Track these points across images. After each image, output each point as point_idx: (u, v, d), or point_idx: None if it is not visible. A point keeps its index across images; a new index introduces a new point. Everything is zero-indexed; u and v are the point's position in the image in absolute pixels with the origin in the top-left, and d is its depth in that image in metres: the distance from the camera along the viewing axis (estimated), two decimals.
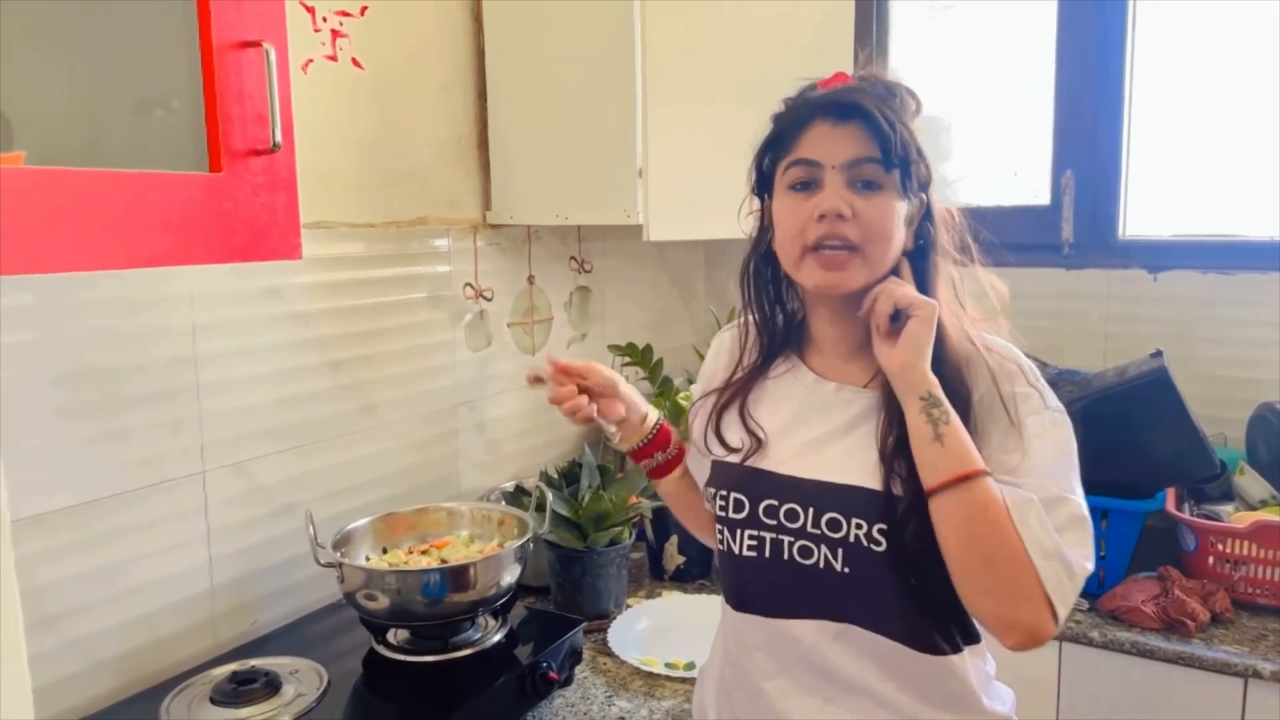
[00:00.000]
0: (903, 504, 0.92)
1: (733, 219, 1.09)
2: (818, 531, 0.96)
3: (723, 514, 1.03)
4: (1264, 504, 1.71)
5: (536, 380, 1.13)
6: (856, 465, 0.96)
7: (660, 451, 1.16)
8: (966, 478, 0.88)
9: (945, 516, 0.89)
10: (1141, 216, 2.03)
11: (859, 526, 0.94)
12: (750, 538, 1.00)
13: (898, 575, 0.93)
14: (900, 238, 0.97)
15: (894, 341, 0.94)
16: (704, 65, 1.71)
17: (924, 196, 0.99)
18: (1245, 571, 1.60)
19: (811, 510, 0.97)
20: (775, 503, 0.99)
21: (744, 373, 1.08)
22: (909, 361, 0.92)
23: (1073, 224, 2.03)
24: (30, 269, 0.81)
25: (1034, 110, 2.08)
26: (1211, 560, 1.62)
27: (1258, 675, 1.42)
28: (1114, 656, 1.53)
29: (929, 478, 0.90)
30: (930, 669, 0.96)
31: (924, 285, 0.98)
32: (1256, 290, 1.88)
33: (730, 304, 2.00)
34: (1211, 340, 1.91)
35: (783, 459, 1.01)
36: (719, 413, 1.08)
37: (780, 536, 0.99)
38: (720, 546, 1.04)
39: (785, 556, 0.98)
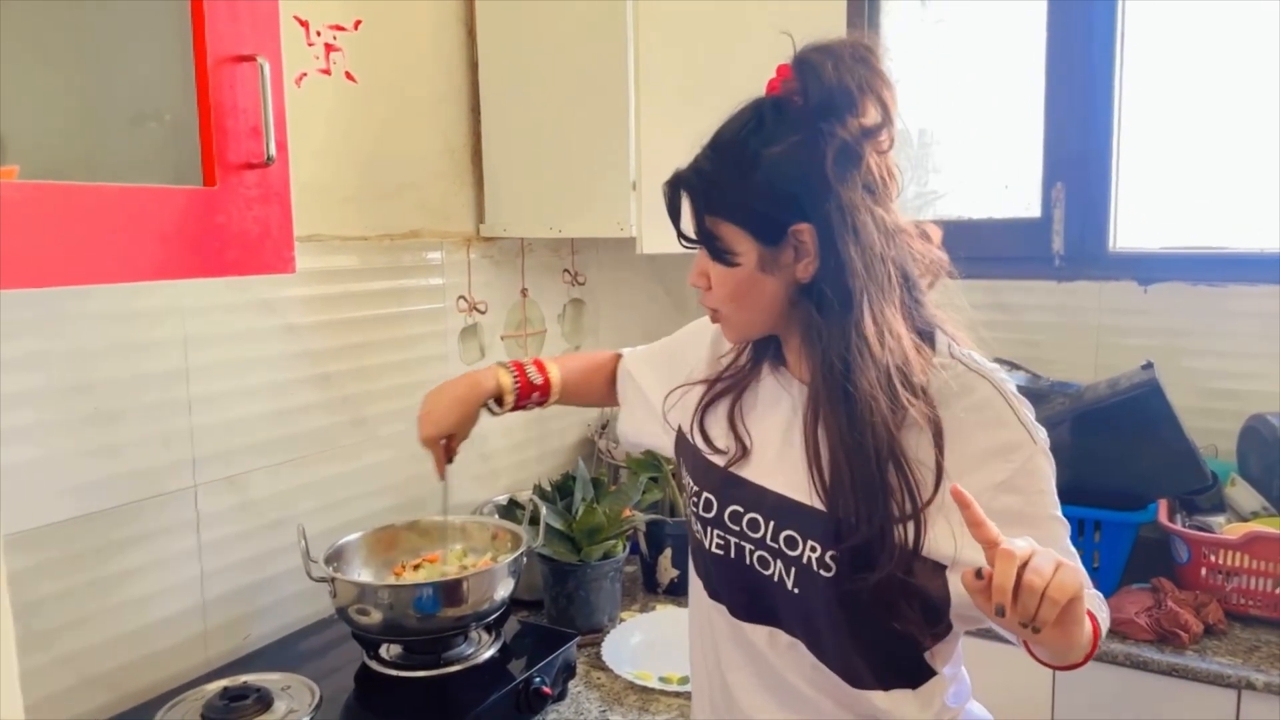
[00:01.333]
0: (857, 548, 0.89)
1: None
2: (776, 545, 0.97)
3: (694, 509, 1.06)
4: (1256, 515, 1.71)
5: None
6: (796, 474, 0.95)
7: (536, 392, 1.30)
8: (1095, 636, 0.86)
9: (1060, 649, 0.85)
10: (1132, 229, 2.04)
11: (813, 549, 0.94)
12: (718, 537, 1.02)
13: (839, 607, 0.92)
14: (769, 286, 0.93)
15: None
16: (697, 78, 1.72)
17: (806, 224, 0.89)
18: (1238, 583, 1.60)
19: (772, 524, 0.97)
20: (740, 509, 1.00)
21: (734, 372, 1.07)
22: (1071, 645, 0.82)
23: (1063, 236, 2.04)
24: (23, 283, 0.81)
25: (1024, 123, 2.10)
26: (1204, 572, 1.62)
27: (1251, 686, 1.42)
28: (1108, 668, 1.53)
29: (1067, 657, 0.86)
30: (864, 701, 0.97)
31: (834, 314, 0.89)
32: (1247, 302, 1.89)
33: None
34: (1202, 352, 1.92)
35: (758, 468, 1.01)
36: (704, 408, 1.08)
37: (742, 543, 1.00)
38: (696, 536, 1.07)
39: (747, 562, 1.00)
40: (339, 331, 1.58)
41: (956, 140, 2.22)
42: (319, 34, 1.51)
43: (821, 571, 0.93)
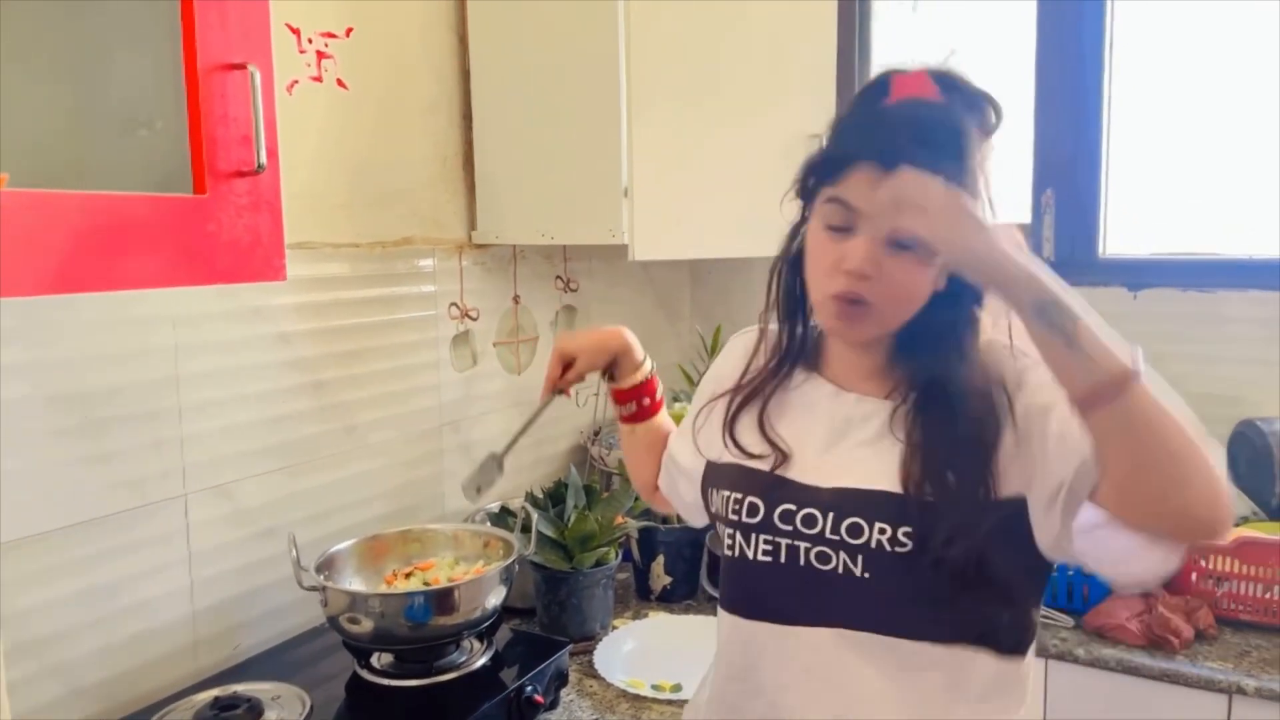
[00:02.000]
0: (935, 511, 0.90)
1: (718, 238, 1.09)
2: (836, 537, 0.95)
3: (735, 518, 1.01)
4: (1246, 521, 1.72)
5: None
6: (879, 471, 0.95)
7: (648, 397, 1.24)
8: (1116, 382, 0.78)
9: (1117, 424, 0.79)
10: (1121, 235, 2.05)
11: (882, 531, 0.92)
12: (765, 543, 0.98)
13: (923, 576, 0.91)
14: (927, 292, 0.93)
15: (936, 261, 0.89)
16: (689, 85, 1.72)
17: None
18: (1228, 588, 1.60)
19: (831, 515, 0.95)
20: (793, 508, 0.97)
21: (759, 377, 1.06)
22: (986, 264, 0.80)
23: (1053, 243, 2.05)
24: (13, 291, 0.81)
25: (1014, 129, 2.10)
26: (1195, 577, 1.62)
27: (1242, 691, 1.43)
28: (1099, 674, 1.53)
29: (1077, 387, 0.80)
30: (954, 667, 0.94)
31: (955, 328, 0.94)
32: (1236, 308, 1.90)
33: (716, 323, 2.01)
34: (1192, 358, 1.93)
35: (804, 469, 0.99)
36: (733, 416, 1.06)
37: (796, 542, 0.97)
38: (729, 553, 1.02)
39: (802, 562, 0.96)
40: (330, 339, 1.57)
41: None
42: (310, 41, 1.51)
43: (896, 549, 0.92)
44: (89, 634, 1.26)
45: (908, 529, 0.91)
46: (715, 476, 1.08)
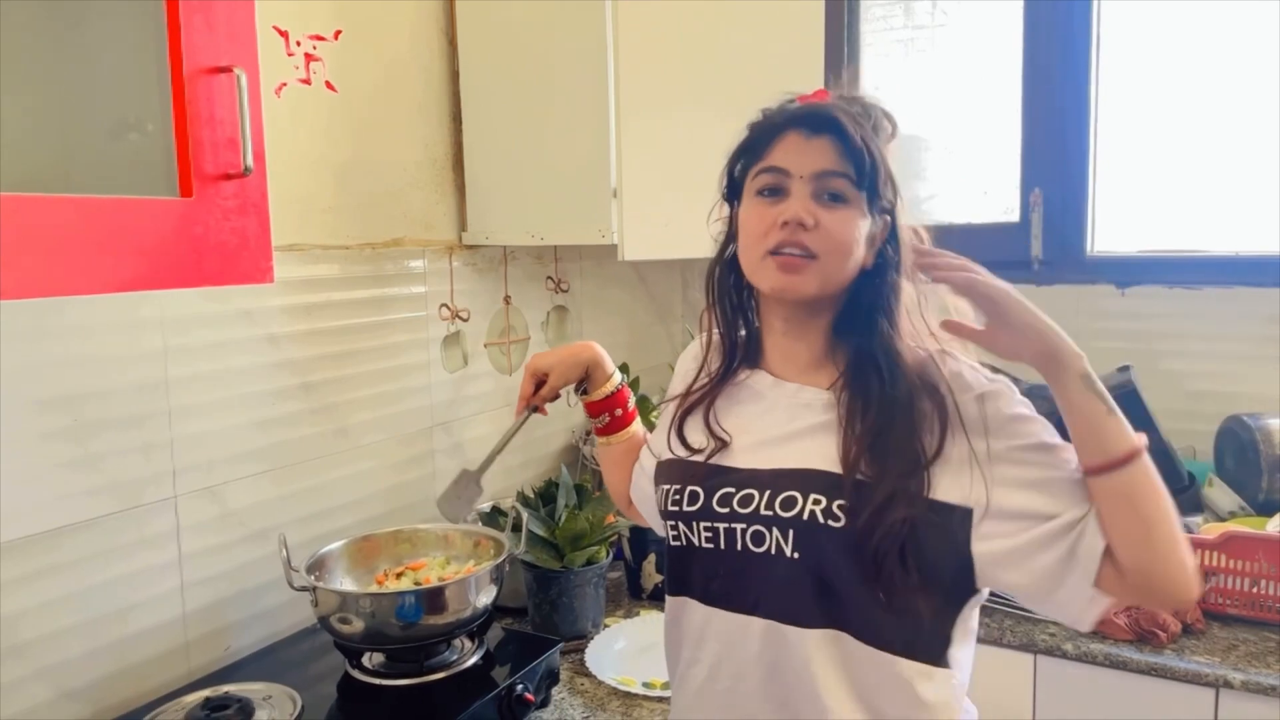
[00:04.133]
0: (876, 495, 0.92)
1: (709, 238, 1.11)
2: (770, 513, 0.97)
3: (675, 509, 1.04)
4: (1233, 515, 1.73)
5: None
6: (818, 454, 0.98)
7: (620, 408, 1.27)
8: (1139, 450, 0.89)
9: (1131, 488, 0.89)
10: (1109, 233, 2.07)
11: (816, 502, 0.94)
12: (706, 529, 1.01)
13: (854, 556, 0.92)
14: (859, 254, 0.98)
15: (1001, 332, 0.93)
16: (678, 85, 1.73)
17: (889, 219, 1.00)
18: (1215, 582, 1.61)
19: (768, 493, 0.98)
20: (732, 490, 1.00)
21: (707, 380, 1.10)
22: (1046, 345, 0.92)
23: (1042, 241, 2.06)
24: (2, 295, 0.81)
25: (1003, 129, 2.12)
26: None
27: (1228, 685, 1.44)
28: (1087, 668, 1.54)
29: (1111, 451, 0.89)
30: (877, 667, 0.95)
31: (882, 304, 0.99)
32: (1222, 305, 1.91)
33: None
34: (1179, 354, 1.94)
35: (744, 455, 1.03)
36: (682, 417, 1.10)
37: (733, 525, 0.99)
38: (676, 543, 1.05)
39: (739, 546, 0.99)
40: (320, 341, 1.58)
41: (937, 146, 2.23)
42: (299, 44, 1.51)
43: (829, 522, 0.93)
44: (79, 636, 1.26)
45: (842, 502, 0.94)
46: (661, 474, 1.12)
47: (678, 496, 1.05)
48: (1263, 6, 1.87)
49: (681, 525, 1.04)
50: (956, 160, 2.23)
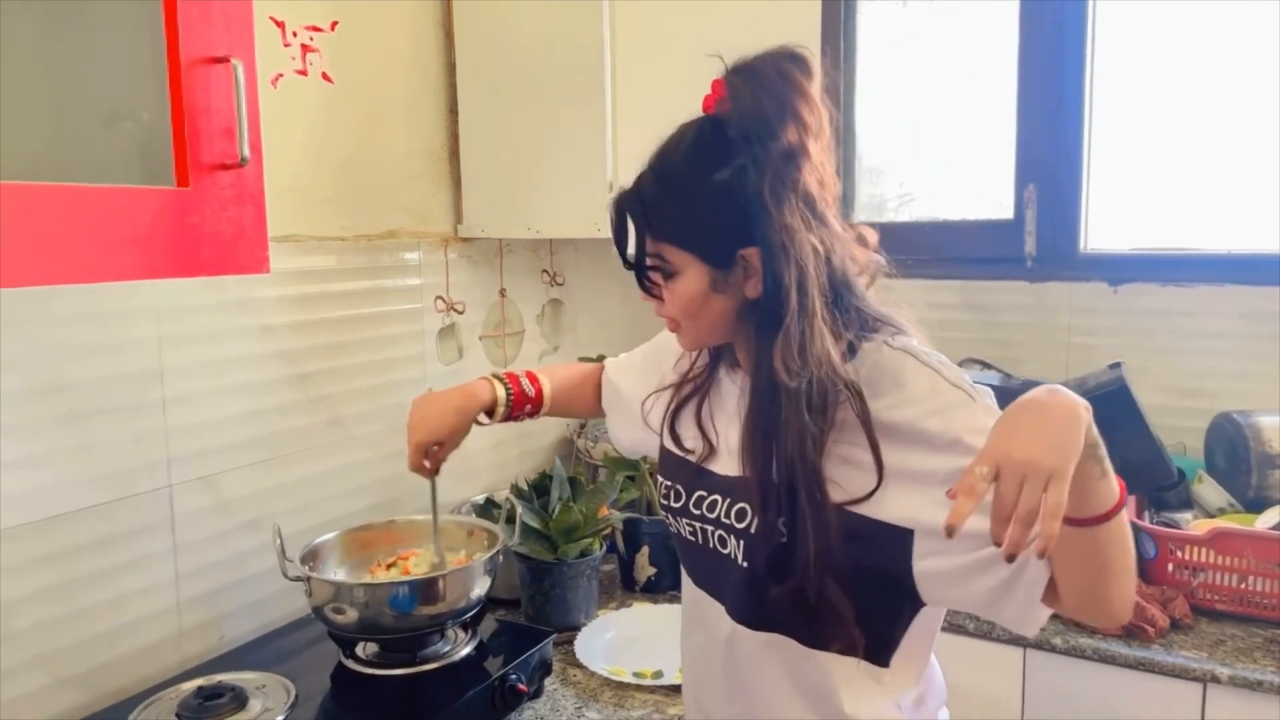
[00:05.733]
0: (761, 496, 0.93)
1: None
2: (728, 522, 1.01)
3: (665, 503, 1.11)
4: (1222, 511, 1.74)
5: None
6: None
7: (529, 404, 1.30)
8: (1120, 507, 0.83)
9: (1097, 542, 0.83)
10: (1102, 230, 2.07)
11: (762, 520, 0.96)
12: (687, 525, 1.08)
13: (784, 567, 0.93)
14: (715, 304, 0.95)
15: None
16: (674, 78, 1.72)
17: (753, 248, 0.91)
18: (1204, 578, 1.62)
19: (727, 501, 1.02)
20: (704, 494, 1.05)
21: (696, 376, 1.12)
22: (1052, 461, 0.75)
23: (1035, 238, 2.06)
24: None
25: (997, 126, 2.12)
26: (1171, 567, 1.65)
27: (1216, 680, 1.45)
28: (1076, 663, 1.55)
29: (1091, 509, 0.81)
30: (821, 670, 0.97)
31: (771, 330, 0.91)
32: (1214, 302, 1.92)
33: None
34: (1170, 351, 1.95)
35: (722, 458, 1.05)
36: (674, 412, 1.12)
37: (705, 526, 1.05)
38: (672, 528, 1.13)
39: (710, 545, 1.04)
40: (316, 331, 1.58)
41: (931, 141, 2.24)
42: (295, 35, 1.51)
43: (772, 535, 0.95)
44: (74, 624, 1.27)
45: (785, 518, 0.92)
46: (660, 462, 1.17)
47: (667, 492, 1.11)
48: (1258, 5, 1.88)
49: (670, 518, 1.11)
50: (951, 156, 2.23)
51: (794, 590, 0.92)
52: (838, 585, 0.91)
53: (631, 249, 0.98)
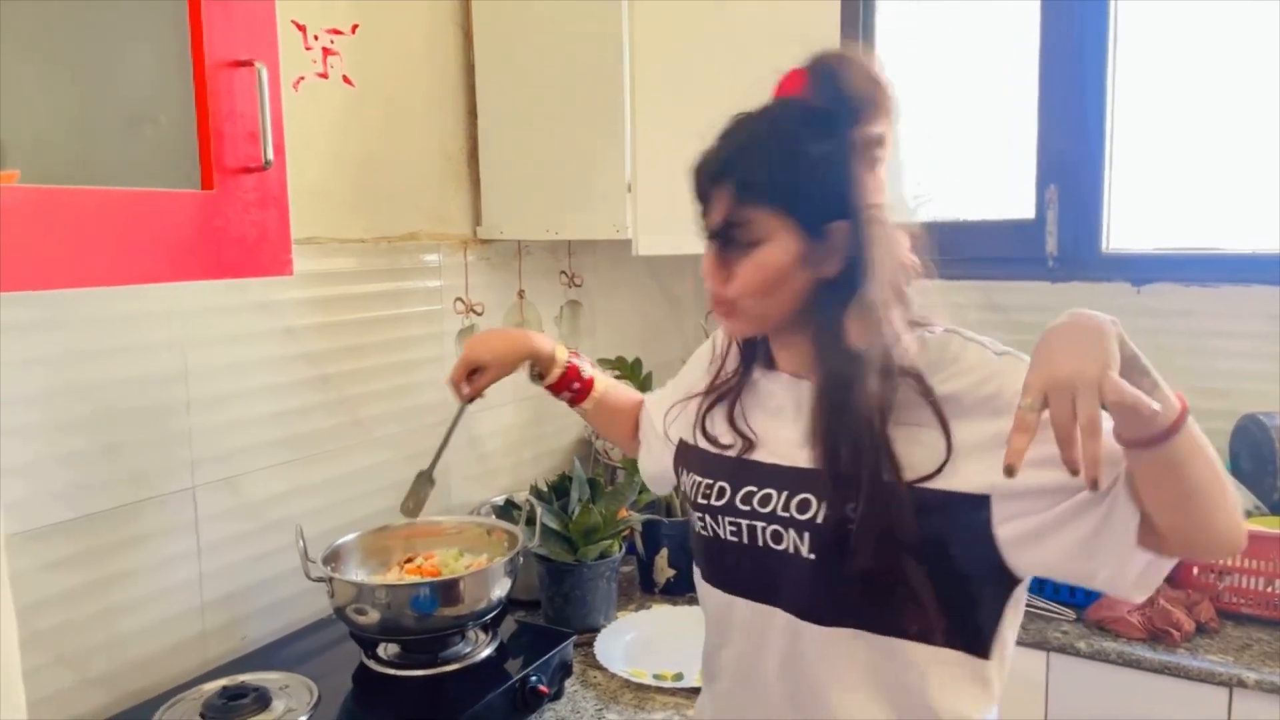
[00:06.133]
0: (845, 486, 0.93)
1: None
2: (787, 514, 0.98)
3: (704, 501, 1.06)
4: (1248, 514, 1.72)
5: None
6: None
7: (576, 382, 1.32)
8: (1184, 418, 0.80)
9: (1172, 459, 0.80)
10: (1124, 230, 2.06)
11: (830, 505, 0.95)
12: (730, 524, 1.03)
13: (865, 554, 0.92)
14: (794, 280, 0.95)
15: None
16: (692, 80, 1.73)
17: (843, 222, 0.93)
18: (1230, 581, 1.61)
19: (785, 493, 0.99)
20: (754, 488, 1.02)
21: (725, 379, 1.11)
22: (1097, 369, 0.77)
23: (1057, 237, 2.05)
24: (24, 286, 0.82)
25: (1018, 125, 2.11)
26: (1196, 570, 1.63)
27: (1242, 684, 1.43)
28: (1101, 666, 1.54)
29: (1155, 425, 0.79)
30: (900, 660, 0.95)
31: (848, 301, 0.93)
32: (1238, 302, 1.90)
33: None
34: (1194, 352, 1.93)
35: (769, 452, 1.03)
36: (704, 415, 1.11)
37: (754, 522, 1.01)
38: (703, 532, 1.07)
39: (760, 542, 1.00)
40: (336, 333, 1.58)
41: (952, 141, 2.23)
42: (316, 38, 1.52)
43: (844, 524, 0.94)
44: (98, 625, 1.27)
45: (854, 505, 0.93)
46: (686, 457, 1.13)
47: (707, 491, 1.06)
48: (1278, 5, 1.86)
49: (709, 518, 1.06)
50: (972, 156, 2.22)
51: (869, 574, 0.91)
52: (918, 566, 0.91)
53: (715, 216, 0.96)
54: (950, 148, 2.23)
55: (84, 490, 1.25)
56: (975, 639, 0.96)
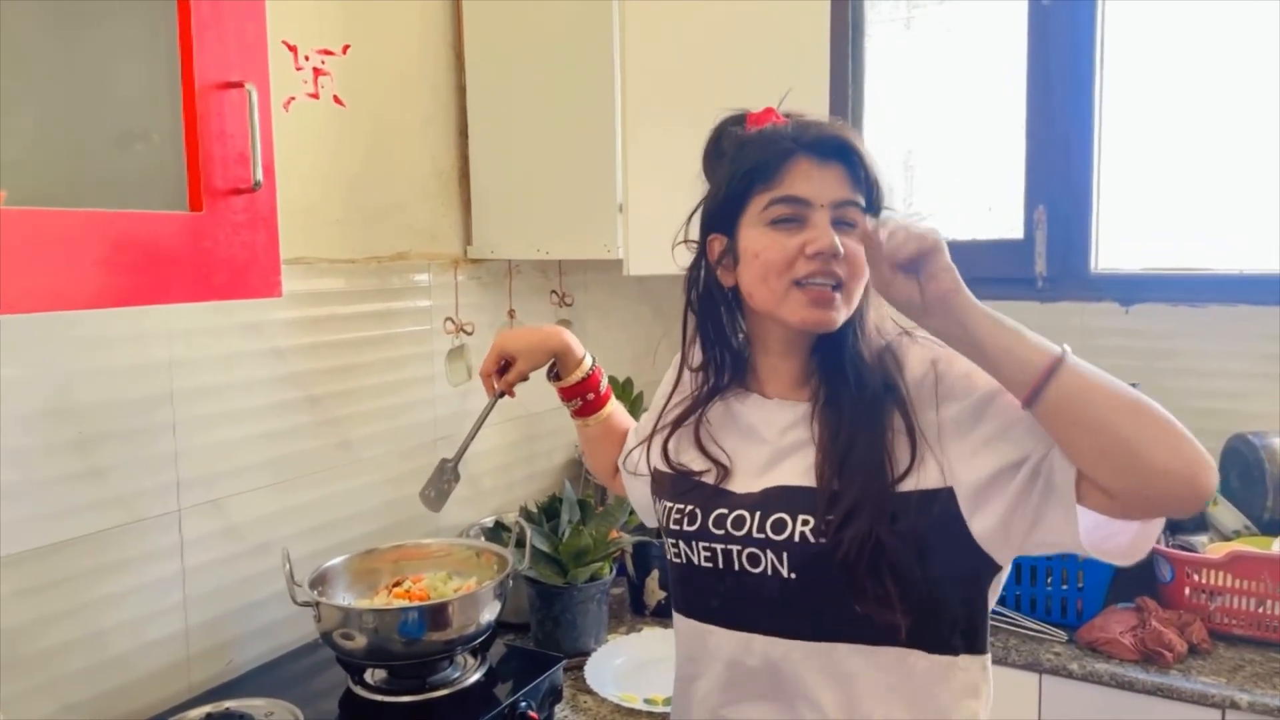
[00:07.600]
0: (846, 500, 0.94)
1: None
2: (763, 535, 0.98)
3: (676, 527, 1.06)
4: (1238, 534, 1.73)
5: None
6: (804, 470, 0.99)
7: (592, 392, 1.31)
8: (1059, 358, 0.85)
9: (1062, 399, 0.84)
10: (1113, 250, 2.07)
11: (805, 523, 0.95)
12: (704, 549, 1.02)
13: (844, 572, 0.93)
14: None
15: (913, 279, 0.89)
16: (684, 100, 1.73)
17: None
18: (1221, 602, 1.61)
19: (758, 514, 0.99)
20: (725, 512, 1.01)
21: (690, 403, 1.11)
22: (953, 288, 0.88)
23: (1045, 258, 2.06)
24: (10, 308, 0.81)
25: (1007, 146, 2.12)
26: (1188, 591, 1.63)
27: (1235, 706, 1.43)
28: (1093, 688, 1.53)
29: (1032, 372, 0.85)
30: (890, 669, 0.95)
31: (858, 315, 1.01)
32: (1226, 323, 1.91)
33: None
34: (1183, 372, 1.94)
35: (740, 478, 1.04)
36: (667, 440, 1.12)
37: (729, 546, 1.00)
38: (677, 559, 1.06)
39: (736, 567, 1.00)
40: (325, 354, 1.57)
41: (940, 162, 2.24)
42: (307, 58, 1.52)
43: (820, 540, 0.94)
44: (82, 650, 1.25)
45: (830, 518, 0.94)
46: (660, 485, 1.13)
47: (678, 516, 1.06)
48: (1268, 26, 1.88)
49: (682, 544, 1.05)
50: (961, 177, 2.23)
51: (860, 585, 0.92)
52: (907, 570, 0.92)
53: (843, 189, 0.99)
54: (940, 168, 2.24)
55: (68, 513, 1.23)
56: (975, 637, 0.98)
